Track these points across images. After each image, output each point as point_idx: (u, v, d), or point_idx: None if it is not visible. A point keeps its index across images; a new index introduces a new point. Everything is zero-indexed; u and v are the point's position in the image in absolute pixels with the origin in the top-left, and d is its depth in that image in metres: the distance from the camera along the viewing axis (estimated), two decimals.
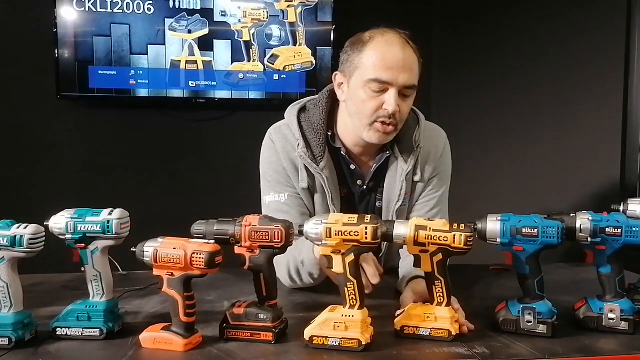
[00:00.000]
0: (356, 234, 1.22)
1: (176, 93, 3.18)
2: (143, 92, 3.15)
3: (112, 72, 3.12)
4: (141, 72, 3.13)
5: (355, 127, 1.65)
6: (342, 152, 1.71)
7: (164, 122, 3.25)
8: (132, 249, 1.25)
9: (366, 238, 1.22)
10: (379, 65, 1.55)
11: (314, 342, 1.24)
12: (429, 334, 1.29)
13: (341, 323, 1.23)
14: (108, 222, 1.28)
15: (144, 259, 1.22)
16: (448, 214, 1.81)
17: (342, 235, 1.22)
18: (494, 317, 1.39)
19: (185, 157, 3.28)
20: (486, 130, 3.24)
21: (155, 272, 1.23)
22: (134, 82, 3.13)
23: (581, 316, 1.39)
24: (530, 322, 1.32)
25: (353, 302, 1.24)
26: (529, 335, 1.32)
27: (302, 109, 1.74)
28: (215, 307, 1.54)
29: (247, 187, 1.85)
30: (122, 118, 3.25)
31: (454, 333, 1.29)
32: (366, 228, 1.22)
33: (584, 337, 1.34)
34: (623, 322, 1.35)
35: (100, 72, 3.11)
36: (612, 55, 2.83)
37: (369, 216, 1.24)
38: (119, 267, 1.85)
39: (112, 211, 1.30)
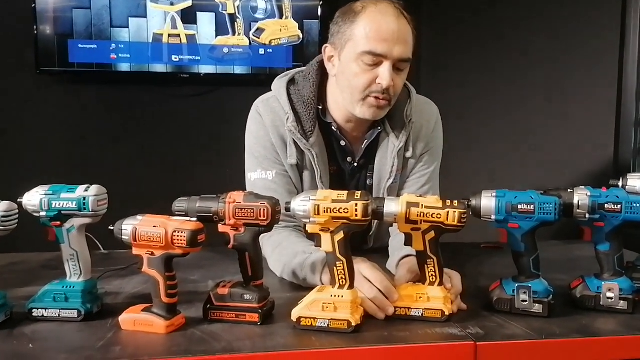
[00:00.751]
0: (346, 211, 1.16)
1: (159, 68, 3.09)
2: (124, 67, 3.06)
3: (92, 46, 3.02)
4: (122, 46, 3.04)
5: (346, 102, 1.58)
6: (333, 128, 1.64)
7: (146, 98, 3.17)
8: (110, 227, 1.18)
9: (356, 215, 1.16)
10: (372, 36, 1.48)
11: (301, 324, 1.19)
12: (422, 314, 1.25)
13: (330, 304, 1.18)
14: (84, 198, 1.21)
15: (123, 237, 1.16)
16: (439, 191, 1.77)
17: (330, 212, 1.16)
18: (487, 296, 1.34)
19: (168, 133, 3.20)
20: (477, 106, 3.20)
21: (135, 251, 1.17)
22: (115, 57, 3.04)
23: (578, 295, 1.35)
24: (526, 301, 1.28)
25: (342, 281, 1.19)
26: (523, 314, 1.28)
27: (291, 81, 1.67)
28: (199, 287, 1.48)
29: (233, 164, 1.79)
30: (103, 93, 3.16)
31: (447, 313, 1.24)
32: (356, 205, 1.16)
33: (581, 316, 1.30)
34: (622, 301, 1.31)
35: (80, 45, 3.01)
36: (608, 27, 2.79)
37: (359, 192, 1.18)
38: (100, 246, 1.79)
39: (88, 187, 1.23)
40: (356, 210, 1.15)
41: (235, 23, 3.11)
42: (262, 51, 3.15)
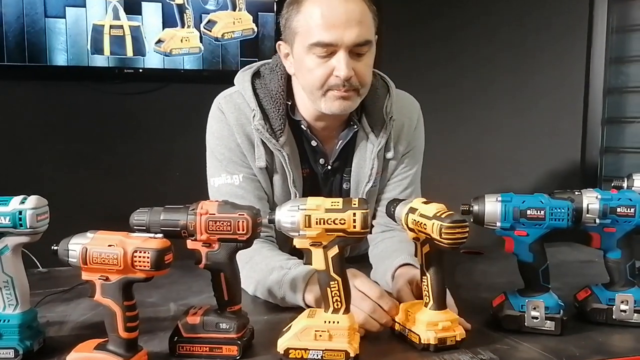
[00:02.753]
0: (342, 222, 0.99)
1: (99, 62, 2.82)
2: (61, 61, 2.77)
3: None
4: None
5: (310, 101, 1.41)
6: (302, 126, 1.47)
7: (86, 96, 2.87)
8: (53, 247, 0.97)
9: (354, 227, 0.99)
10: (319, 24, 1.30)
11: (290, 356, 1.01)
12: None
13: (324, 331, 1.01)
14: (20, 212, 0.99)
15: (69, 259, 0.95)
16: (421, 194, 1.62)
17: (324, 224, 0.99)
18: (486, 311, 1.21)
19: (111, 135, 2.92)
20: (438, 105, 3.07)
21: (85, 276, 0.96)
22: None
23: (587, 308, 1.23)
24: (537, 318, 1.15)
25: (337, 304, 1.02)
26: (533, 333, 1.15)
27: (256, 74, 1.48)
28: (159, 312, 1.28)
29: (184, 167, 1.60)
30: (36, 91, 2.84)
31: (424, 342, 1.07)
32: (354, 214, 0.99)
33: (593, 332, 1.17)
34: (636, 314, 1.19)
35: (10, 38, 2.70)
36: (575, 25, 2.73)
37: (357, 200, 1.01)
38: (38, 264, 1.57)
39: (25, 199, 1.01)
40: (354, 220, 0.98)
41: (185, 14, 2.88)
42: (214, 45, 2.94)
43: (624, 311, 1.20)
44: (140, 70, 2.87)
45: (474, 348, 1.08)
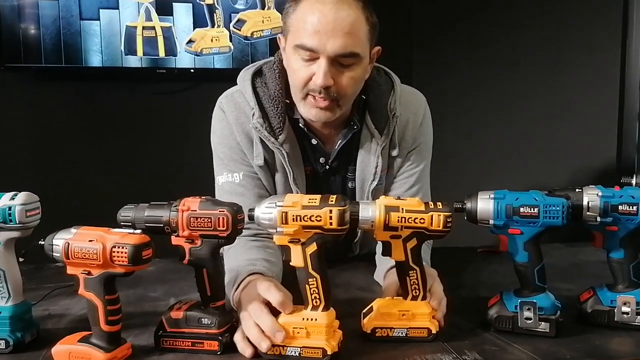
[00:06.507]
0: (318, 218, 0.98)
1: (133, 62, 2.90)
2: (96, 62, 2.86)
3: None
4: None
5: (295, 101, 1.42)
6: (300, 124, 1.46)
7: (120, 95, 2.97)
8: (40, 242, 1.01)
9: (331, 224, 0.98)
10: (306, 27, 1.29)
11: (268, 353, 1.01)
12: (406, 334, 1.09)
13: (302, 328, 1.01)
14: (9, 208, 1.03)
15: (54, 254, 0.98)
16: (430, 192, 1.59)
17: (301, 220, 0.99)
18: (485, 312, 1.17)
19: (143, 133, 3.00)
20: (471, 99, 3.02)
21: (69, 270, 0.99)
22: None
23: (589, 310, 1.18)
24: (530, 319, 1.12)
25: (316, 302, 1.02)
26: (527, 334, 1.12)
27: (258, 73, 1.49)
28: (159, 306, 1.30)
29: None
30: (72, 91, 2.95)
31: (434, 331, 1.09)
32: (330, 211, 0.98)
33: (592, 335, 1.13)
34: (639, 317, 1.14)
35: (47, 40, 2.81)
36: (609, 18, 2.63)
37: (334, 197, 1.01)
38: None
39: (15, 195, 1.05)
40: (330, 217, 0.98)
41: (215, 14, 2.93)
42: (243, 44, 2.97)
43: (626, 313, 1.15)
44: (178, 70, 2.93)
45: (460, 347, 1.06)
